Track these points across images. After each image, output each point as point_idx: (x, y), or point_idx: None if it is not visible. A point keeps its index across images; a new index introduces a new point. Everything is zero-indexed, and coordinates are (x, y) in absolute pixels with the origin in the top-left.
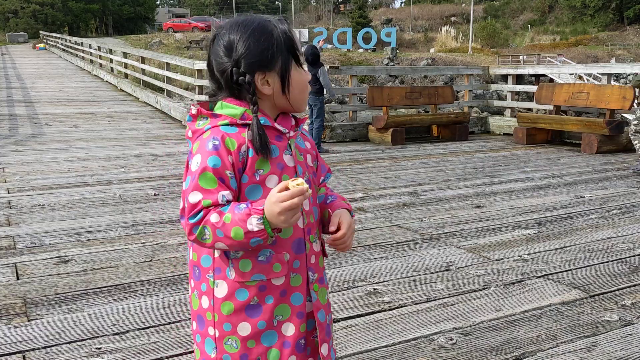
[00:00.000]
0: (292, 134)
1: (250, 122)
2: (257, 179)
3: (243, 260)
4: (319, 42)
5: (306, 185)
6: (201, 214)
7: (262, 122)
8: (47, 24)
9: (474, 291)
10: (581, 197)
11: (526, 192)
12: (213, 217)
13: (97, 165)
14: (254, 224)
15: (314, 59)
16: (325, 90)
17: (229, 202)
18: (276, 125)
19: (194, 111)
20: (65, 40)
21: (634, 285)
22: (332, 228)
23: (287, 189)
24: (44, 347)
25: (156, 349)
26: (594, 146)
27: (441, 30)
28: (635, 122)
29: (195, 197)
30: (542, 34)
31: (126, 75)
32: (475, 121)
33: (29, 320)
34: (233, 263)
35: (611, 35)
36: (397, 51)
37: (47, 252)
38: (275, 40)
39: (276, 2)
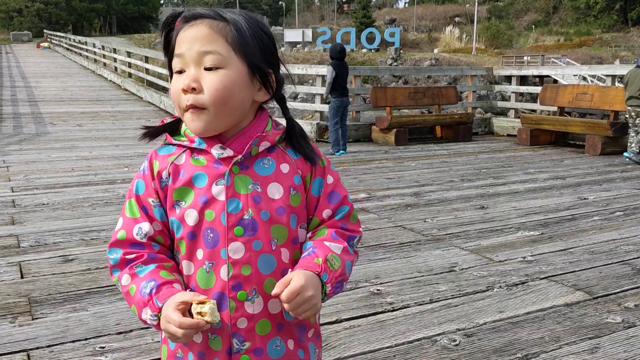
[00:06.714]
0: (239, 157)
1: (187, 142)
2: (177, 212)
3: None
4: None
5: (210, 319)
6: (119, 255)
7: (196, 144)
8: (51, 22)
9: (478, 292)
10: (585, 198)
11: (530, 194)
12: (124, 279)
13: (101, 165)
14: (148, 315)
15: (336, 55)
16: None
17: (149, 238)
18: (212, 150)
19: None
20: (69, 39)
21: (638, 287)
22: (275, 290)
23: (187, 306)
24: (48, 346)
25: (159, 349)
26: (598, 148)
27: (445, 30)
28: None
29: (118, 224)
30: (546, 34)
31: (130, 75)
32: (479, 122)
33: (33, 319)
34: None
35: (615, 37)
36: (401, 51)
37: (51, 251)
38: None
39: (280, 2)
